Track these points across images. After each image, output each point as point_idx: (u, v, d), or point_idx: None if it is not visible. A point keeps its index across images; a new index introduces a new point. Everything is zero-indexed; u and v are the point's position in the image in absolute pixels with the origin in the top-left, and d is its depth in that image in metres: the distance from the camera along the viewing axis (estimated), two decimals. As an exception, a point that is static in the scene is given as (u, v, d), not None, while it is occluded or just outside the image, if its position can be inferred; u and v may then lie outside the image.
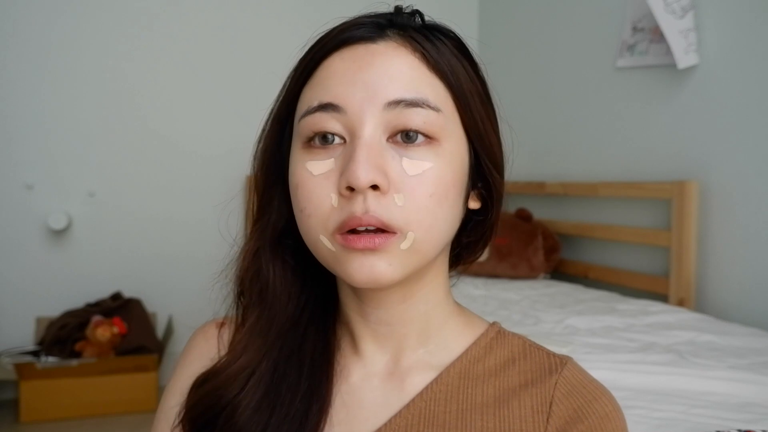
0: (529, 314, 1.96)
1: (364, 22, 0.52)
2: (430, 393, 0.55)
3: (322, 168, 0.50)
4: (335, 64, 0.51)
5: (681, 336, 1.66)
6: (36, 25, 2.74)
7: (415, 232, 0.49)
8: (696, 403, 1.21)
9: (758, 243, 1.90)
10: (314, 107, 0.50)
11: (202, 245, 2.98)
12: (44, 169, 2.79)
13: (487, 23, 3.36)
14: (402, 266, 0.50)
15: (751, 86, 1.93)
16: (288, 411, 0.54)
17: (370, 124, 0.49)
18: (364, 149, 0.48)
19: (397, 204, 0.49)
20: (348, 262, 0.50)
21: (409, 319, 0.57)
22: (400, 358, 0.58)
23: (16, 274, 2.76)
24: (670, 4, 2.05)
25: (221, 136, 2.99)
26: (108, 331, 2.59)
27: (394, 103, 0.49)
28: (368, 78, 0.49)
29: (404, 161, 0.49)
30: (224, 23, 3.01)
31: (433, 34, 0.53)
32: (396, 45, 0.51)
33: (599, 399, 0.54)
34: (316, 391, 0.55)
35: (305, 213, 0.51)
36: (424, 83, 0.50)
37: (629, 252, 2.41)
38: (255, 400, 0.55)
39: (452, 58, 0.53)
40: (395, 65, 0.50)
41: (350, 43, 0.51)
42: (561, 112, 2.80)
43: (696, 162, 2.11)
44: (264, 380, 0.56)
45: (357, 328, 0.58)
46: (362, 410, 0.56)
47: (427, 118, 0.50)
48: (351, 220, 0.48)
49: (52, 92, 2.78)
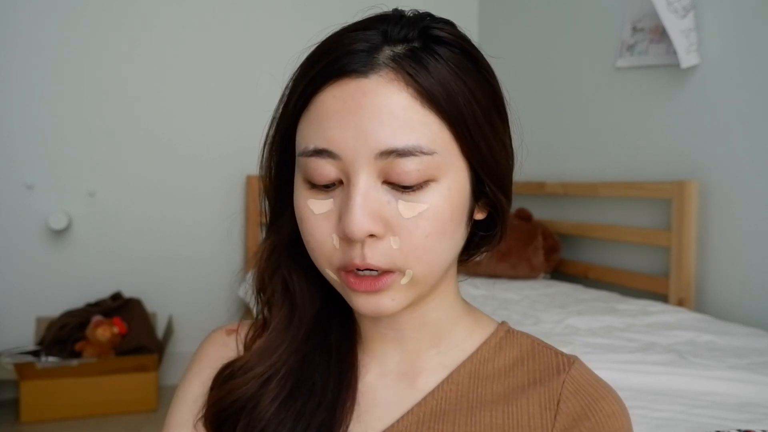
0: (529, 314, 1.96)
1: (356, 49, 0.50)
2: (441, 392, 0.57)
3: (322, 208, 0.51)
4: (328, 102, 0.50)
5: (681, 336, 1.66)
6: (36, 25, 2.74)
7: (414, 269, 0.51)
8: (696, 403, 1.21)
9: (758, 243, 1.90)
10: (310, 151, 0.51)
11: (203, 245, 2.99)
12: (44, 169, 2.78)
13: (487, 23, 3.36)
14: (405, 298, 0.53)
15: (751, 86, 1.93)
16: (321, 399, 0.56)
17: (364, 171, 0.49)
18: (359, 198, 0.49)
19: (393, 247, 0.50)
20: (353, 297, 0.52)
21: (420, 325, 0.59)
22: (412, 359, 0.59)
23: (16, 274, 2.76)
24: (672, 3, 2.05)
25: (221, 137, 2.99)
26: (108, 331, 2.59)
27: (386, 153, 0.48)
28: (359, 122, 0.48)
29: (400, 204, 0.50)
30: (224, 25, 3.01)
31: (431, 50, 0.50)
32: (387, 80, 0.49)
33: (606, 398, 0.55)
34: (344, 379, 0.57)
35: (310, 246, 0.53)
36: (416, 124, 0.49)
37: (629, 252, 2.41)
38: (286, 390, 0.57)
39: (450, 79, 0.50)
40: (386, 106, 0.48)
41: (342, 76, 0.49)
42: (561, 112, 2.80)
43: (696, 162, 2.11)
44: (294, 372, 0.58)
45: (368, 331, 0.60)
46: (376, 408, 0.57)
47: (420, 164, 0.49)
48: (351, 264, 0.50)
49: (53, 92, 2.78)
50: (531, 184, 2.81)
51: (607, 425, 0.53)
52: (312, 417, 0.55)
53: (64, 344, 2.60)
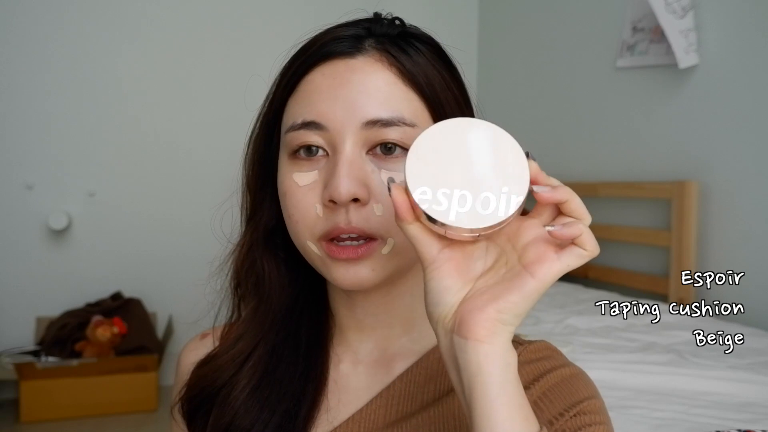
0: (528, 314, 1.96)
1: (343, 35, 0.55)
2: (410, 375, 0.59)
3: (307, 179, 0.54)
4: (317, 80, 0.54)
5: (681, 336, 1.67)
6: (36, 25, 2.73)
7: (395, 238, 0.53)
8: (696, 403, 1.21)
9: (758, 243, 1.90)
10: (299, 124, 0.54)
11: (202, 245, 2.98)
12: (44, 169, 2.78)
13: (487, 24, 3.36)
14: (384, 270, 0.54)
15: (751, 86, 1.93)
16: (286, 390, 0.58)
17: (350, 140, 0.52)
18: (345, 164, 0.51)
19: (377, 213, 0.52)
20: (333, 268, 0.54)
21: (394, 309, 0.60)
22: (385, 346, 0.61)
23: (16, 274, 2.76)
24: (670, 4, 2.05)
25: (221, 137, 2.98)
26: (108, 331, 2.60)
27: (372, 123, 0.52)
28: (348, 95, 0.52)
29: (383, 173, 0.53)
30: (224, 26, 3.00)
31: (410, 42, 0.55)
32: (373, 60, 0.54)
33: (565, 365, 0.57)
34: (312, 372, 0.59)
35: (293, 219, 0.55)
36: (399, 98, 0.53)
37: (629, 252, 2.41)
38: (255, 379, 0.58)
39: (428, 66, 0.55)
40: (372, 82, 0.53)
41: (331, 57, 0.54)
42: (561, 112, 2.80)
43: (696, 162, 2.11)
44: (262, 361, 0.60)
45: (343, 320, 0.62)
46: (347, 395, 0.59)
47: (402, 135, 0.53)
48: (335, 230, 0.52)
49: (52, 93, 2.78)
50: (531, 184, 2.81)
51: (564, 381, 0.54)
52: (276, 406, 0.57)
53: (64, 344, 2.60)
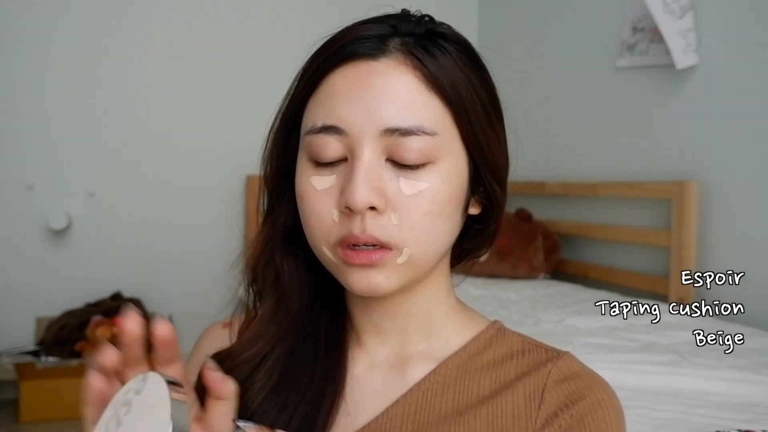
0: (529, 314, 1.96)
1: (368, 35, 0.53)
2: (427, 383, 0.57)
3: (324, 184, 0.53)
4: (338, 82, 0.52)
5: (681, 336, 1.66)
6: (36, 26, 2.73)
7: (411, 247, 0.52)
8: (696, 403, 1.21)
9: (758, 243, 1.90)
10: (318, 128, 0.52)
11: (202, 245, 2.99)
12: (44, 169, 2.78)
13: (487, 23, 3.36)
14: (399, 279, 0.53)
15: (751, 86, 1.93)
16: (305, 392, 0.56)
17: (369, 147, 0.51)
18: (362, 171, 0.50)
19: (393, 222, 0.51)
20: (348, 274, 0.53)
21: (412, 315, 0.59)
22: (402, 352, 0.59)
23: (16, 274, 2.76)
24: (669, 5, 2.05)
25: (221, 137, 2.98)
26: (108, 331, 2.59)
27: (390, 131, 0.51)
28: (368, 100, 0.51)
29: (401, 181, 0.52)
30: (224, 26, 3.00)
31: (436, 43, 0.53)
32: (396, 63, 0.52)
33: (593, 387, 0.55)
34: (330, 374, 0.57)
35: (309, 224, 0.54)
36: (420, 105, 0.51)
37: (629, 252, 2.41)
38: (272, 381, 0.57)
39: (454, 69, 0.53)
40: (394, 86, 0.51)
41: (353, 59, 0.52)
42: (561, 112, 2.80)
43: (696, 162, 2.11)
44: (280, 363, 0.58)
45: (360, 323, 0.60)
46: (363, 400, 0.58)
47: (422, 144, 0.51)
48: (350, 237, 0.51)
49: (53, 92, 2.78)
50: (531, 184, 2.81)
51: (592, 413, 0.53)
52: (295, 409, 0.55)
53: (64, 344, 2.60)
